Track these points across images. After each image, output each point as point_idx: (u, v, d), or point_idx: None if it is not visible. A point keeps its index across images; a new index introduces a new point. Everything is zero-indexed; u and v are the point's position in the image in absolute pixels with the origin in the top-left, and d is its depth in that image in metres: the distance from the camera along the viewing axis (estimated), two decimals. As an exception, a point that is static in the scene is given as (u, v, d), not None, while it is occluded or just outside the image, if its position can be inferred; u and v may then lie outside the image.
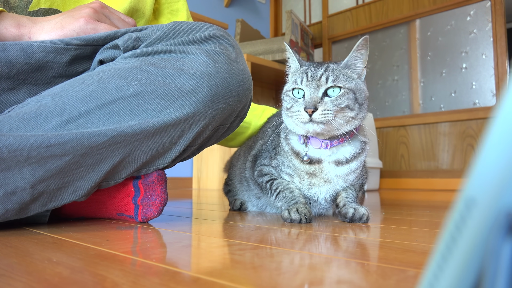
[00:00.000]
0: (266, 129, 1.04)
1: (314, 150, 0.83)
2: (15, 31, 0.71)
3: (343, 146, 0.84)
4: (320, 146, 0.82)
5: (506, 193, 0.16)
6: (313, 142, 0.83)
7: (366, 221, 0.80)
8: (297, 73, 0.83)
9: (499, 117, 0.17)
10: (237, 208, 1.06)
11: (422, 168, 2.81)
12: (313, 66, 0.82)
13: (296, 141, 0.86)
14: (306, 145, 0.84)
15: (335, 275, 0.39)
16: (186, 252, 0.52)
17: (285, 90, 0.84)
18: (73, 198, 0.68)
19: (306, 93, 0.78)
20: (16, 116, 0.62)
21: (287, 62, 0.88)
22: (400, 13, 2.99)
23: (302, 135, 0.83)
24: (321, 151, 0.83)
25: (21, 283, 0.35)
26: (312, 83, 0.77)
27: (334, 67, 0.80)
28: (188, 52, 0.71)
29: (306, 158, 0.83)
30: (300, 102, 0.78)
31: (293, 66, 0.86)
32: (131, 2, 0.90)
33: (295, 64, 0.85)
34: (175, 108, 0.68)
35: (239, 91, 0.74)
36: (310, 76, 0.78)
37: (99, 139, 0.64)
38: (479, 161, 0.17)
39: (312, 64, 0.83)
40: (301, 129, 0.80)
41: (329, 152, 0.83)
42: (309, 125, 0.76)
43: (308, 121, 0.76)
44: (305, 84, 0.78)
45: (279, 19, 3.76)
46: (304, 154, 0.84)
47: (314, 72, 0.79)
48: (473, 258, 0.17)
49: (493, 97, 2.56)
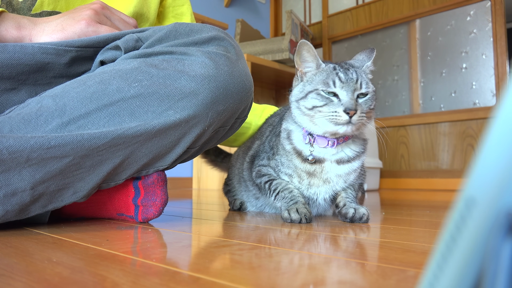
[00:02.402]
0: (264, 129, 1.04)
1: (318, 149, 0.83)
2: (15, 33, 0.71)
3: (347, 144, 0.84)
4: (326, 145, 0.82)
5: (506, 193, 0.16)
6: (319, 141, 0.82)
7: (366, 221, 0.80)
8: (323, 72, 0.81)
9: (499, 117, 0.17)
10: (237, 208, 1.06)
11: (422, 168, 2.81)
12: (340, 67, 0.81)
13: (299, 140, 0.85)
14: (311, 144, 0.83)
15: (335, 275, 0.39)
16: (186, 252, 0.52)
17: (309, 89, 0.80)
18: (73, 199, 0.68)
19: (342, 94, 0.77)
20: (17, 117, 0.62)
21: (303, 60, 0.84)
22: (400, 13, 2.99)
23: (319, 134, 0.82)
24: (326, 150, 0.83)
25: (21, 283, 0.35)
26: (349, 85, 0.77)
27: (360, 70, 0.82)
28: (189, 54, 0.71)
29: (311, 158, 0.83)
30: (336, 102, 0.77)
31: (313, 64, 0.83)
32: (136, 7, 0.90)
33: (317, 62, 0.83)
34: (175, 110, 0.68)
35: (240, 93, 0.74)
36: (344, 78, 0.77)
37: (100, 141, 0.64)
38: (479, 161, 0.17)
39: (336, 64, 0.82)
40: (330, 129, 0.78)
41: (334, 150, 0.83)
42: (345, 127, 0.76)
43: (347, 123, 0.76)
44: (339, 85, 0.77)
45: (279, 19, 3.76)
46: (309, 154, 0.83)
47: (346, 73, 0.78)
48: (473, 258, 0.17)
49: (493, 97, 2.56)
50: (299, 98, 0.82)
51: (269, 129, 1.00)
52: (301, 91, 0.82)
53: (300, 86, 0.84)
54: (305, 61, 0.84)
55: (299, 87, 0.84)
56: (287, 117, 0.91)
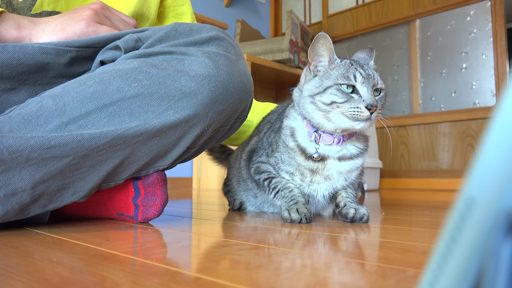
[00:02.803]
0: (261, 126, 1.03)
1: (323, 147, 0.83)
2: (15, 33, 0.71)
3: (351, 141, 0.85)
4: (332, 142, 0.82)
5: (506, 193, 0.16)
6: (325, 138, 0.82)
7: (366, 221, 0.80)
8: (341, 67, 0.79)
9: (499, 117, 0.17)
10: (236, 208, 1.06)
11: (422, 168, 2.81)
12: (356, 63, 0.80)
13: (304, 137, 0.85)
14: (317, 141, 0.83)
15: (335, 275, 0.39)
16: (186, 252, 0.52)
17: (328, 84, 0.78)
18: (73, 199, 0.68)
19: (363, 90, 0.77)
20: (17, 117, 0.62)
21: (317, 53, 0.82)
22: (400, 13, 2.99)
23: (330, 131, 0.81)
24: (330, 147, 0.83)
25: (21, 283, 0.35)
26: (369, 82, 0.77)
27: (374, 68, 0.82)
28: (189, 54, 0.71)
29: (317, 155, 0.82)
30: (357, 98, 0.76)
31: (327, 59, 0.81)
32: (136, 7, 0.90)
33: (331, 57, 0.81)
34: (175, 110, 0.68)
35: (240, 93, 0.74)
36: (364, 74, 0.77)
37: (100, 141, 0.64)
38: (479, 161, 0.17)
39: (350, 60, 0.82)
40: (346, 125, 0.77)
41: (338, 148, 0.83)
42: (363, 123, 0.76)
43: (366, 119, 0.76)
44: (360, 81, 0.77)
45: (279, 19, 3.76)
46: (314, 151, 0.83)
47: (363, 70, 0.78)
48: (473, 258, 0.17)
49: (493, 97, 2.56)
50: (315, 93, 0.79)
51: (267, 126, 0.99)
52: (318, 86, 0.80)
53: (316, 81, 0.81)
54: (320, 55, 0.82)
55: (315, 82, 0.81)
56: (288, 114, 0.90)
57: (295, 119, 0.87)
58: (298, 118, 0.87)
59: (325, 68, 0.82)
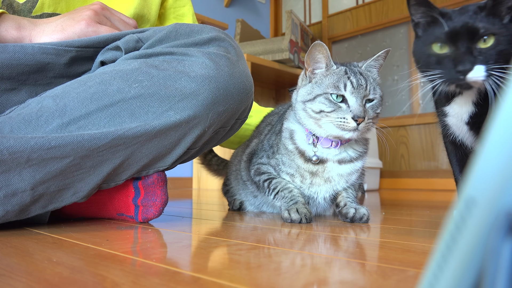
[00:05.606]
0: (262, 128, 1.03)
1: (321, 150, 0.83)
2: (15, 34, 0.71)
3: (350, 144, 0.85)
4: (330, 146, 0.82)
5: (506, 193, 0.16)
6: (323, 141, 0.82)
7: (366, 221, 0.80)
8: (334, 75, 0.79)
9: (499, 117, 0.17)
10: (236, 208, 1.06)
11: (422, 168, 2.81)
12: (351, 71, 0.79)
13: (303, 140, 0.85)
14: (315, 145, 0.83)
15: (335, 275, 0.39)
16: (186, 252, 0.52)
17: (318, 92, 0.78)
18: (73, 200, 0.68)
19: (351, 100, 0.76)
20: (17, 118, 0.62)
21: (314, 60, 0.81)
22: (400, 13, 2.99)
23: (322, 136, 0.81)
24: (329, 150, 0.83)
25: (21, 283, 0.35)
26: (359, 92, 0.76)
27: (369, 75, 0.81)
28: (190, 55, 0.71)
29: (315, 158, 0.82)
30: (344, 109, 0.76)
31: (323, 65, 0.81)
32: (136, 8, 0.90)
33: (328, 62, 0.81)
34: (176, 111, 0.68)
35: (240, 94, 0.74)
36: (355, 83, 0.76)
37: (100, 141, 0.64)
38: (479, 161, 0.17)
39: (346, 67, 0.80)
40: (335, 133, 0.78)
41: (337, 151, 0.83)
42: (351, 133, 0.76)
43: (354, 129, 0.75)
44: (350, 91, 0.76)
45: (279, 19, 3.76)
46: (312, 154, 0.83)
47: (356, 79, 0.77)
48: (473, 258, 0.17)
49: (493, 97, 2.55)
50: (306, 100, 0.80)
51: (267, 128, 0.99)
52: (309, 93, 0.80)
53: (309, 87, 0.81)
54: (316, 61, 0.81)
55: (307, 88, 0.81)
56: (288, 116, 0.90)
57: (294, 121, 0.87)
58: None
59: (320, 74, 0.81)
